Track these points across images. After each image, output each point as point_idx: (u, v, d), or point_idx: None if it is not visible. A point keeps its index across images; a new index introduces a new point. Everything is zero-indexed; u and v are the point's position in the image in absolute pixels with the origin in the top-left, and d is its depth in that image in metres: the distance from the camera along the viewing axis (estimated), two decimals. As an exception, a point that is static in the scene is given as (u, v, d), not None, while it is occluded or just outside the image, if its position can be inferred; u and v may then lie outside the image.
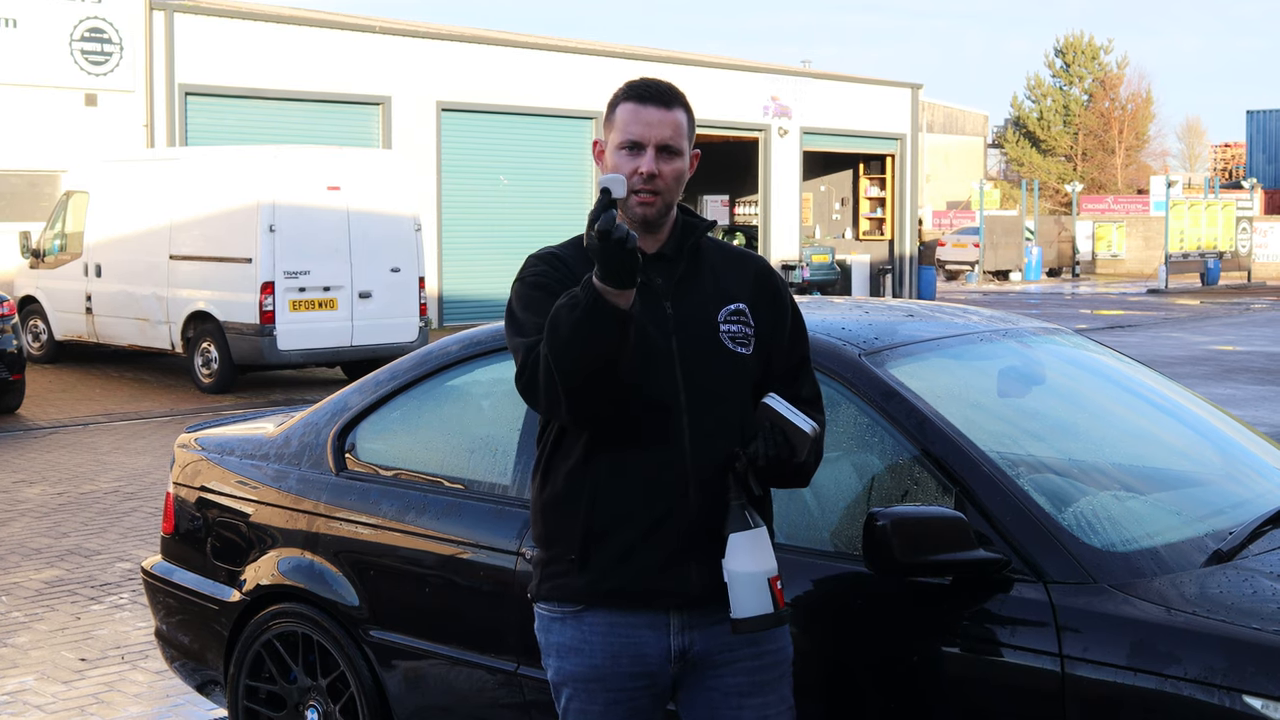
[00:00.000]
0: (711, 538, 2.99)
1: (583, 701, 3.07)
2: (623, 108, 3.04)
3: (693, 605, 3.03)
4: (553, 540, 3.09)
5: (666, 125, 3.02)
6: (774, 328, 3.14)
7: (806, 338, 3.23)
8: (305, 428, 4.75)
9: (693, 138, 3.10)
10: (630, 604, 3.02)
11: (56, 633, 6.92)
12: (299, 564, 4.52)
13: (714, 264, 3.14)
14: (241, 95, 23.35)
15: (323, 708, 4.46)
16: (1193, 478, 4.08)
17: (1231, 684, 2.91)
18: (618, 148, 3.03)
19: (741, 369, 3.06)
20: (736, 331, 3.08)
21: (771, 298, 3.17)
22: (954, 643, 3.29)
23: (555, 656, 3.10)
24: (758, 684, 3.07)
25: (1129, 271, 48.07)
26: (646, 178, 3.00)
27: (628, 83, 3.11)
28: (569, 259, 3.08)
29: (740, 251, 3.25)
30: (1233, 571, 3.28)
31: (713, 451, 2.99)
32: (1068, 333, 4.62)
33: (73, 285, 17.87)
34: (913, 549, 3.13)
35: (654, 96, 3.04)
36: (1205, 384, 16.29)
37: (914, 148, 35.43)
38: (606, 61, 28.52)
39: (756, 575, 2.93)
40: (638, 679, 3.04)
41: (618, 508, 2.99)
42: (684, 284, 3.08)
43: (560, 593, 3.07)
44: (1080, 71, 70.29)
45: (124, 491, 10.49)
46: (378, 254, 16.30)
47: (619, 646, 3.03)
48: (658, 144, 3.01)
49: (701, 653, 3.05)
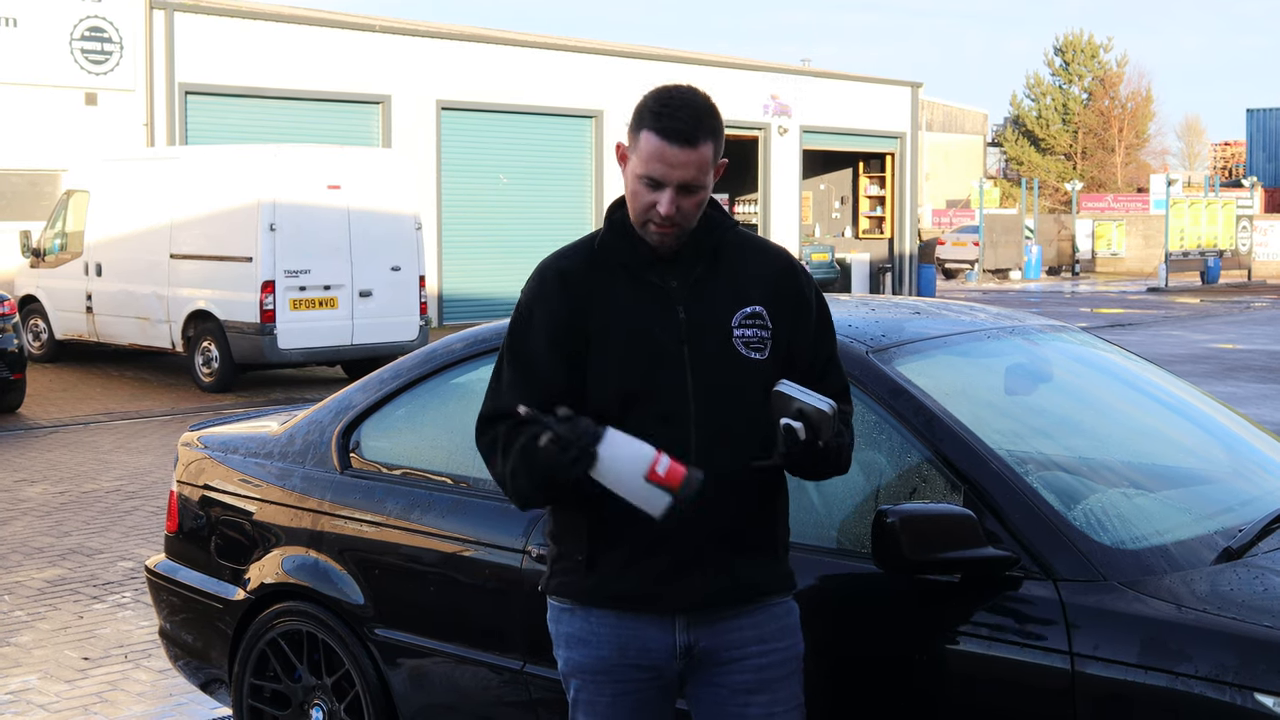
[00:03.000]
0: (716, 545, 2.97)
1: (591, 693, 3.06)
2: (646, 138, 2.91)
3: (698, 609, 3.02)
4: (562, 538, 3.09)
5: (690, 166, 2.91)
6: (795, 328, 3.07)
7: (833, 335, 3.16)
8: (309, 426, 4.73)
9: (719, 155, 2.98)
10: (635, 607, 3.02)
11: (59, 632, 6.91)
12: (303, 562, 4.50)
13: (734, 263, 3.07)
14: (241, 94, 23.34)
15: (328, 706, 4.45)
16: (1201, 475, 4.07)
17: (1243, 682, 2.90)
18: (637, 177, 2.95)
19: (755, 375, 3.00)
20: (751, 336, 3.02)
21: (793, 297, 3.09)
22: (963, 641, 3.27)
23: (564, 647, 3.10)
24: (765, 681, 3.06)
25: (1129, 270, 48.06)
26: (665, 219, 2.94)
27: (658, 99, 2.94)
28: (573, 275, 3.03)
29: (765, 246, 3.16)
30: (1243, 569, 3.27)
31: (720, 460, 2.95)
32: (1074, 330, 4.61)
33: (73, 284, 17.86)
34: (922, 546, 3.12)
35: (680, 135, 2.89)
36: (1207, 382, 16.28)
37: (914, 146, 35.42)
38: (606, 60, 28.51)
39: (635, 485, 2.82)
40: (643, 671, 3.04)
41: (623, 513, 2.95)
42: (699, 287, 3.02)
43: (569, 590, 3.08)
44: (1080, 70, 70.27)
45: (125, 490, 10.48)
46: (378, 253, 16.29)
47: (625, 640, 3.03)
48: (678, 184, 2.92)
49: (708, 649, 3.04)
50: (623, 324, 2.98)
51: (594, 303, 3.00)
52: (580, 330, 2.99)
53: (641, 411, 2.95)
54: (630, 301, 3.00)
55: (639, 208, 2.97)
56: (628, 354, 2.97)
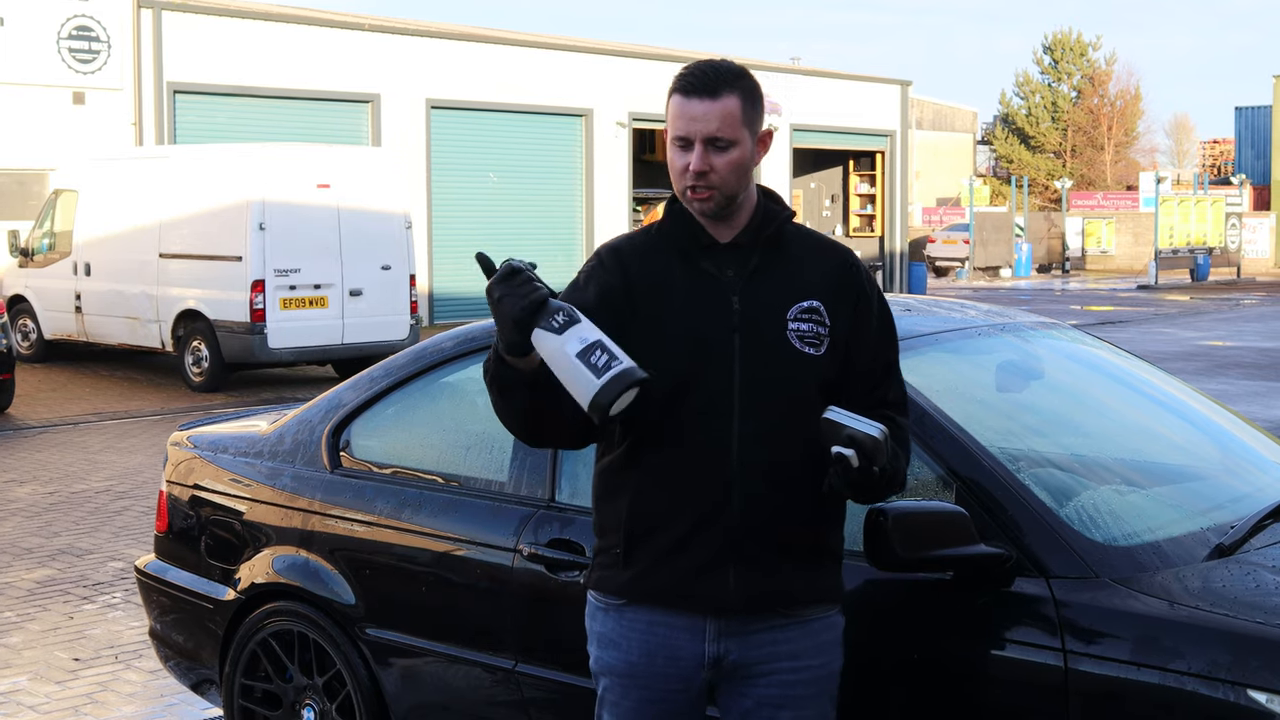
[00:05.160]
0: (754, 544, 2.90)
1: (617, 694, 3.02)
2: (672, 100, 2.91)
3: (731, 612, 2.94)
4: (604, 531, 3.03)
5: (713, 118, 2.87)
6: (854, 328, 2.98)
7: (895, 340, 3.07)
8: (299, 425, 4.72)
9: (755, 120, 2.94)
10: (668, 603, 2.95)
11: (49, 633, 6.89)
12: (294, 562, 4.49)
13: (794, 256, 2.99)
14: (230, 93, 23.31)
15: (319, 706, 4.44)
16: (1193, 472, 4.06)
17: (1235, 678, 2.89)
18: (670, 143, 2.93)
19: (808, 370, 2.90)
20: (807, 330, 2.93)
21: (855, 295, 2.99)
22: (956, 638, 3.27)
23: (596, 645, 3.06)
24: (793, 698, 2.98)
25: (1119, 268, 48.13)
26: (696, 175, 2.89)
27: (681, 70, 2.94)
28: (628, 256, 2.99)
29: (827, 243, 3.08)
30: (1235, 565, 3.27)
31: (761, 456, 2.88)
32: (1065, 327, 4.61)
33: (62, 284, 17.82)
34: (914, 544, 3.10)
35: (699, 87, 2.88)
36: (1197, 379, 16.30)
37: (904, 144, 35.46)
38: (596, 59, 28.48)
39: (568, 362, 2.71)
40: (671, 680, 2.98)
41: (657, 507, 2.91)
42: (756, 277, 2.94)
43: (606, 584, 3.02)
44: (1069, 68, 70.32)
45: (115, 490, 10.45)
46: (368, 252, 16.28)
47: (655, 645, 2.97)
48: (704, 138, 2.88)
49: (738, 661, 2.96)
50: (673, 309, 2.92)
51: (647, 285, 2.94)
52: (630, 306, 2.92)
53: (684, 399, 2.89)
54: (684, 287, 2.94)
55: (676, 174, 2.93)
56: (675, 340, 2.89)
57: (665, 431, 2.91)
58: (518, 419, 2.95)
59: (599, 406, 2.70)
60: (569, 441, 3.08)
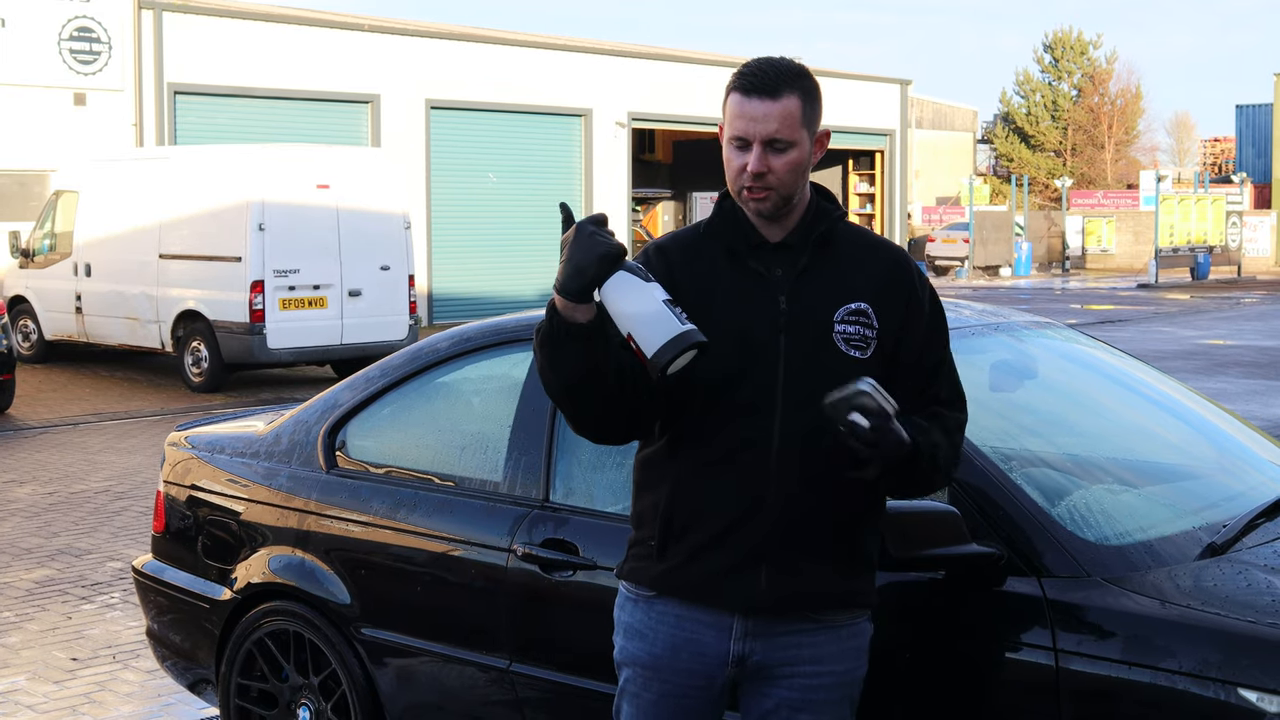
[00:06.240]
0: (789, 545, 2.88)
1: (638, 686, 3.02)
2: (731, 99, 2.88)
3: (760, 612, 2.93)
4: (641, 522, 3.02)
5: (772, 119, 2.84)
6: (904, 328, 2.93)
7: (946, 339, 3.02)
8: (295, 425, 4.73)
9: (814, 120, 2.91)
10: (698, 599, 2.94)
11: (47, 632, 6.90)
12: (290, 562, 4.50)
13: (844, 256, 2.95)
14: (230, 94, 23.33)
15: (314, 705, 4.45)
16: (1186, 471, 4.07)
17: (1226, 677, 2.90)
18: (728, 142, 2.91)
19: (852, 373, 2.79)
20: (853, 333, 2.89)
21: (905, 296, 2.95)
22: (947, 637, 3.28)
23: (622, 636, 3.05)
24: (812, 702, 2.97)
25: (1119, 266, 48.11)
26: (754, 176, 2.86)
27: (744, 66, 2.90)
28: (674, 254, 2.96)
29: (878, 242, 3.05)
30: (1227, 565, 3.28)
31: (800, 457, 2.86)
32: (1060, 326, 4.61)
33: (62, 285, 17.84)
34: (906, 544, 3.11)
35: (759, 87, 2.84)
36: (1196, 378, 16.31)
37: (903, 144, 35.47)
38: (596, 59, 28.49)
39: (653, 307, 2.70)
40: (694, 677, 2.97)
41: (694, 504, 2.90)
42: (805, 276, 2.90)
43: (638, 576, 3.01)
44: (1069, 67, 70.27)
45: (114, 491, 10.46)
46: (367, 252, 16.29)
47: (681, 640, 2.96)
48: (763, 139, 2.85)
49: (761, 662, 2.96)
50: (719, 307, 2.88)
51: (692, 283, 2.91)
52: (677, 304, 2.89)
53: (726, 399, 2.87)
54: (730, 286, 2.91)
55: (732, 174, 2.90)
56: (722, 338, 2.82)
57: (706, 427, 2.89)
58: (564, 380, 2.82)
59: (677, 346, 2.67)
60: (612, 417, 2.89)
